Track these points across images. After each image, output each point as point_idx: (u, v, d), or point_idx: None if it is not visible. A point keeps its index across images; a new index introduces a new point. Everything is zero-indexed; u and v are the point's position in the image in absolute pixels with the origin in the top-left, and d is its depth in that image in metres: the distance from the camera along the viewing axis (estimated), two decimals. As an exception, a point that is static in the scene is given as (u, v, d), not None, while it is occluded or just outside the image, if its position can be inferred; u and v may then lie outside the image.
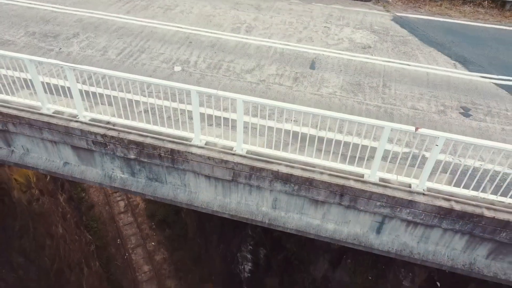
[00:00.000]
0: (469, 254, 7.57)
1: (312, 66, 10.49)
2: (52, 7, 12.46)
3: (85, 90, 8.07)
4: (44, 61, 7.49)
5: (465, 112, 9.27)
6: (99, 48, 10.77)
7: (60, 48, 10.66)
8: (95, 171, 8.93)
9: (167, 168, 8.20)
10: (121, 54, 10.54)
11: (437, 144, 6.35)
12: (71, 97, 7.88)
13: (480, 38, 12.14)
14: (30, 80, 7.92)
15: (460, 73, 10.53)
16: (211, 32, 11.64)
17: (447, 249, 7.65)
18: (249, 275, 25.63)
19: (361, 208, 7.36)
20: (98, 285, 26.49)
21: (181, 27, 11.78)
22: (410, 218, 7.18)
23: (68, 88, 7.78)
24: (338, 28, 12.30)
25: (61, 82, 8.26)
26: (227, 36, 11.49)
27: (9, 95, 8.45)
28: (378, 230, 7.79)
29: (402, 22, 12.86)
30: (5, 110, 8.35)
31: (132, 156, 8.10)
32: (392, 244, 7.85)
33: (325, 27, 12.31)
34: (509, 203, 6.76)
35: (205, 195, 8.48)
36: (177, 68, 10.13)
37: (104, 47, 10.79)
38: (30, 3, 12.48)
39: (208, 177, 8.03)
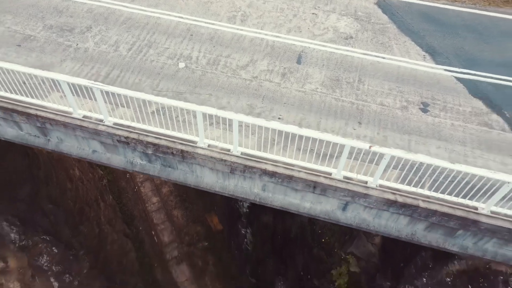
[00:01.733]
0: (411, 228, 9.97)
1: (299, 61, 12.03)
2: (62, -5, 13.52)
3: (105, 91, 9.67)
4: (77, 82, 9.18)
5: (424, 108, 11.09)
6: (111, 43, 12.20)
7: (77, 44, 12.10)
8: (119, 158, 11.02)
9: (178, 160, 10.28)
10: (131, 50, 12.02)
11: (385, 158, 8.35)
12: (95, 99, 9.61)
13: (452, 26, 13.40)
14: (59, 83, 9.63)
15: (427, 66, 12.09)
16: (210, 23, 12.92)
17: (395, 224, 10.03)
18: (247, 210, 28.92)
19: (330, 195, 9.60)
20: (113, 216, 29.92)
21: (182, 17, 13.03)
22: (366, 204, 9.45)
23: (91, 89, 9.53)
24: (325, 15, 13.50)
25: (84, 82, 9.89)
26: (224, 28, 12.80)
27: (45, 101, 10.22)
28: (343, 209, 10.12)
29: (384, 6, 13.98)
30: (43, 114, 10.20)
31: (150, 152, 10.15)
32: (354, 219, 10.23)
33: (313, 13, 13.51)
34: (439, 197, 8.96)
35: (209, 179, 10.68)
36: (181, 65, 11.70)
37: (115, 42, 12.22)
38: (42, -9, 13.51)
39: (211, 168, 10.15)
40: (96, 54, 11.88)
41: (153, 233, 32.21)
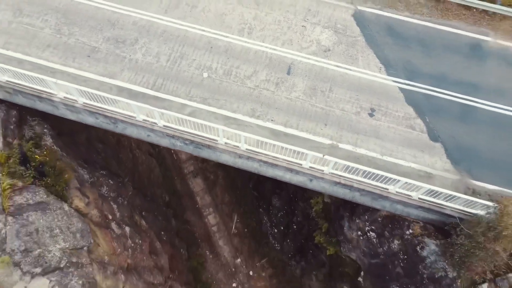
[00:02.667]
0: (351, 194, 15.94)
1: (288, 72, 16.81)
2: (112, 6, 17.66)
3: (162, 112, 14.91)
4: (145, 107, 14.38)
5: (371, 113, 16.23)
6: (154, 54, 16.88)
7: (130, 56, 16.82)
8: (166, 141, 16.61)
9: (205, 147, 15.89)
10: (169, 61, 16.77)
11: (332, 161, 13.95)
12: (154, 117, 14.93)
13: (408, 39, 17.65)
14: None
15: (381, 77, 16.84)
16: (224, 36, 17.34)
17: (342, 191, 15.97)
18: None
19: (301, 175, 15.43)
20: (140, 140, 36.19)
21: (204, 30, 17.40)
22: (323, 182, 15.33)
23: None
24: (312, 27, 17.73)
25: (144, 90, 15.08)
26: (236, 41, 17.25)
27: (117, 107, 15.48)
28: (310, 181, 16.01)
29: (358, 19, 18.03)
30: (116, 116, 15.57)
31: (187, 142, 15.74)
32: (317, 187, 16.18)
33: (302, 26, 17.75)
34: (366, 181, 14.74)
35: (225, 158, 16.39)
36: (205, 75, 16.57)
37: (157, 54, 16.89)
38: (97, 4, 17.65)
39: (228, 153, 15.81)
40: (144, 64, 16.69)
41: (172, 151, 38.69)
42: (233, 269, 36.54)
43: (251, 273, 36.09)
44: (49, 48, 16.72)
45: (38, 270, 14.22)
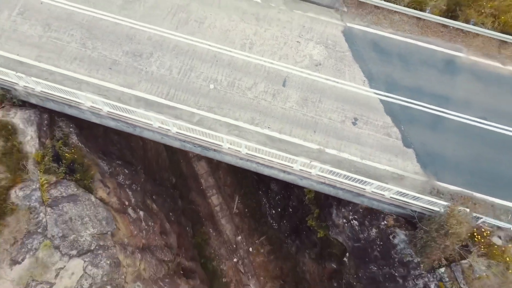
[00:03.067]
0: (335, 191, 18.76)
1: (284, 84, 19.32)
2: (130, 22, 19.99)
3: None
4: (166, 119, 17.03)
5: (355, 122, 18.84)
6: (167, 67, 19.36)
7: (146, 68, 19.30)
8: (177, 143, 19.33)
9: (211, 150, 18.63)
10: (180, 73, 19.26)
11: (317, 165, 16.72)
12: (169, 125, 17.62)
13: (390, 54, 19.99)
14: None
15: (364, 90, 19.34)
16: (228, 50, 19.74)
17: (327, 188, 18.79)
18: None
19: (292, 174, 18.24)
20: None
21: (210, 45, 19.78)
22: (311, 181, 18.14)
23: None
24: (305, 43, 20.09)
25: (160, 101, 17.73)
26: (238, 55, 19.67)
27: (136, 116, 18.13)
28: (301, 179, 18.82)
29: (347, 35, 20.33)
30: (134, 122, 18.26)
31: (196, 145, 18.48)
32: (306, 184, 19.01)
33: (297, 41, 20.10)
34: (347, 182, 17.55)
35: (228, 158, 19.14)
36: (211, 86, 19.11)
37: (169, 67, 19.37)
38: (116, 20, 19.97)
39: (229, 155, 18.57)
40: (158, 76, 19.21)
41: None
42: (234, 246, 39.94)
43: (250, 249, 39.54)
44: (76, 61, 19.22)
45: (74, 252, 17.30)
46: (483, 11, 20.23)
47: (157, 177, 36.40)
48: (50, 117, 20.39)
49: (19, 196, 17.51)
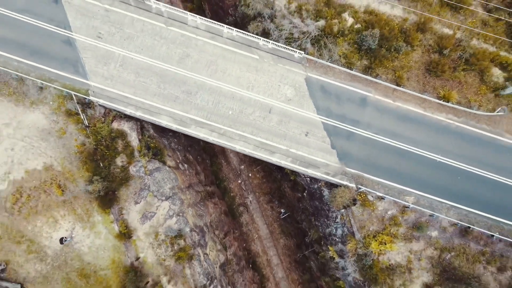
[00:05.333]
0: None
1: (270, 111, 35.27)
2: (183, 71, 35.01)
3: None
4: (203, 135, 33.57)
5: (307, 134, 35.30)
6: (205, 100, 35.05)
7: (194, 101, 35.01)
8: (202, 136, 36.05)
9: (229, 147, 35.48)
10: (213, 104, 35.04)
11: (284, 161, 33.90)
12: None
13: (330, 94, 35.38)
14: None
15: (313, 115, 35.32)
16: (240, 91, 35.20)
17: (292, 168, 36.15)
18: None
19: (273, 161, 35.53)
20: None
21: (231, 88, 35.15)
22: (284, 165, 35.48)
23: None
24: (283, 85, 35.41)
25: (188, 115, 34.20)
26: (245, 93, 35.18)
27: (191, 130, 34.58)
28: (285, 160, 36.09)
29: (308, 81, 35.45)
30: (190, 133, 34.85)
31: (220, 143, 35.34)
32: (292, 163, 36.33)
33: (278, 85, 35.41)
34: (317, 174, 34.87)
35: (238, 150, 36.06)
36: (230, 112, 35.09)
37: (207, 100, 35.06)
38: (176, 70, 34.94)
39: (239, 149, 35.49)
40: (201, 106, 35.03)
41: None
42: (239, 172, 58.70)
43: (250, 174, 58.39)
44: (155, 96, 34.88)
45: (163, 198, 35.22)
46: (386, 68, 35.20)
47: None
48: (141, 124, 36.64)
49: (133, 170, 34.87)
